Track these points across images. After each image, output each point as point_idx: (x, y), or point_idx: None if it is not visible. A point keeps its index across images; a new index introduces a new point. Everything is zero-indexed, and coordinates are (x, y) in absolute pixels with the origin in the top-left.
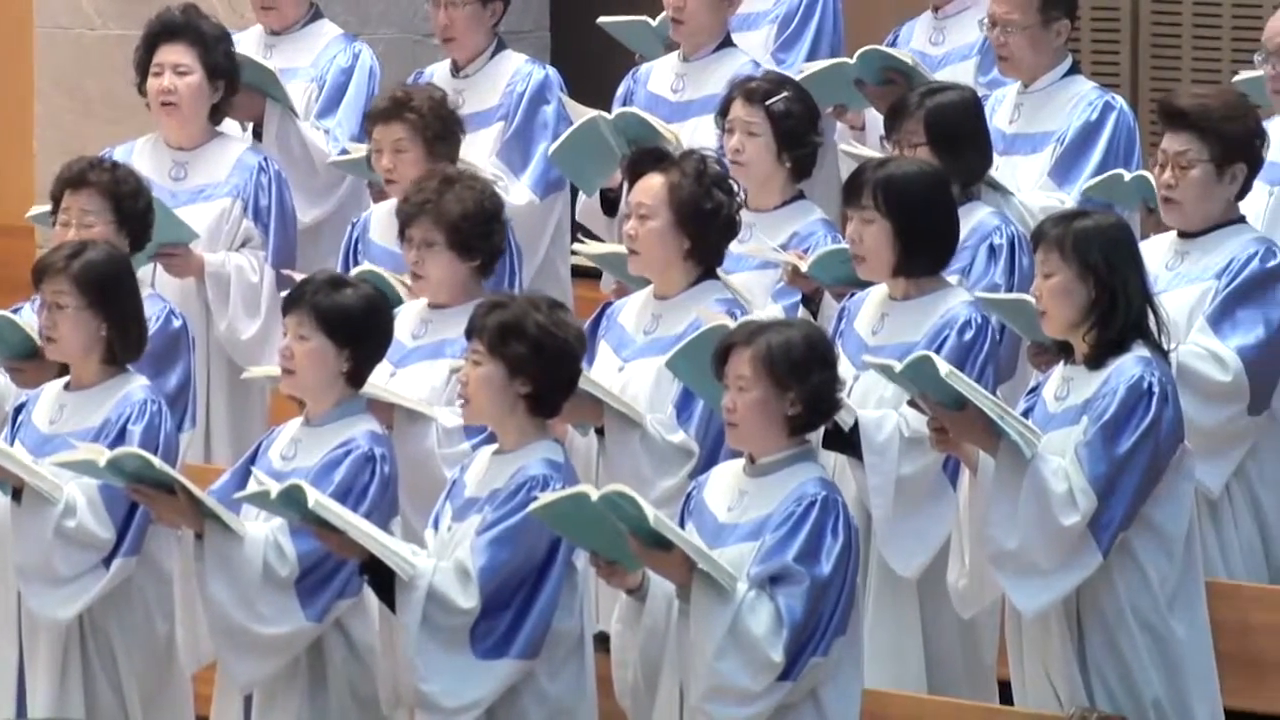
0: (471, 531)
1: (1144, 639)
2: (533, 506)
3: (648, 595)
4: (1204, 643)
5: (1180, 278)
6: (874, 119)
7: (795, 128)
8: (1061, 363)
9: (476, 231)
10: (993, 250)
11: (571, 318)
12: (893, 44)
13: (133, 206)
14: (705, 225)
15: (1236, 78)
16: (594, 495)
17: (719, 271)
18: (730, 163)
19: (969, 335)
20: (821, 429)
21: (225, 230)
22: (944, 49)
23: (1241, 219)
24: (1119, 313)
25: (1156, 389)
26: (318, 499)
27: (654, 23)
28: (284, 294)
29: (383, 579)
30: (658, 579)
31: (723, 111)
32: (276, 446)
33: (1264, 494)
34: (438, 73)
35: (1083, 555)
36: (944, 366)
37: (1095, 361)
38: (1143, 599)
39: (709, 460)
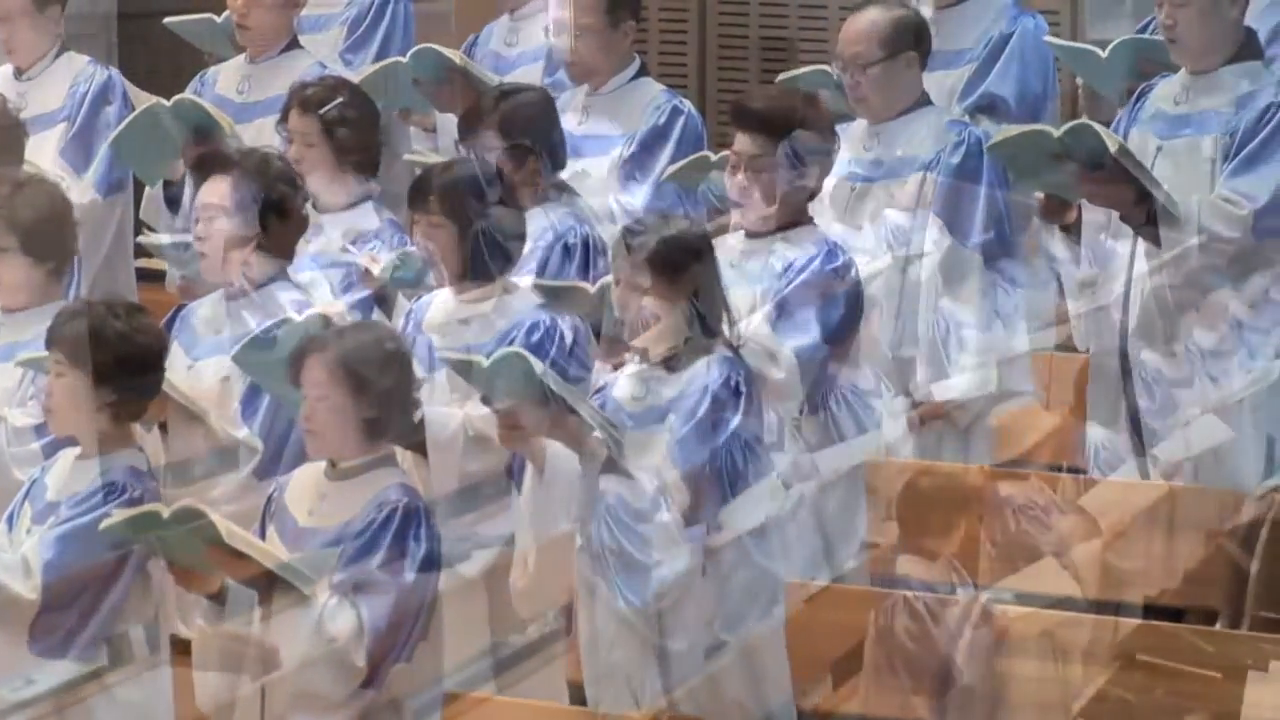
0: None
1: (724, 638)
2: (105, 524)
3: (228, 600)
4: (780, 642)
5: (745, 276)
6: (444, 120)
7: (351, 134)
8: (637, 363)
9: (50, 234)
10: (567, 249)
11: (151, 321)
12: (473, 45)
13: None
14: (271, 220)
15: (784, 76)
16: (165, 513)
17: (289, 271)
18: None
19: (536, 337)
20: None
21: None
22: (517, 50)
23: (809, 220)
24: (708, 321)
25: (744, 388)
26: None
27: (219, 19)
28: None
29: None
30: (237, 584)
31: (284, 120)
32: None
33: (823, 492)
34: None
35: (678, 551)
36: (538, 365)
37: (677, 364)
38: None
39: (273, 457)
